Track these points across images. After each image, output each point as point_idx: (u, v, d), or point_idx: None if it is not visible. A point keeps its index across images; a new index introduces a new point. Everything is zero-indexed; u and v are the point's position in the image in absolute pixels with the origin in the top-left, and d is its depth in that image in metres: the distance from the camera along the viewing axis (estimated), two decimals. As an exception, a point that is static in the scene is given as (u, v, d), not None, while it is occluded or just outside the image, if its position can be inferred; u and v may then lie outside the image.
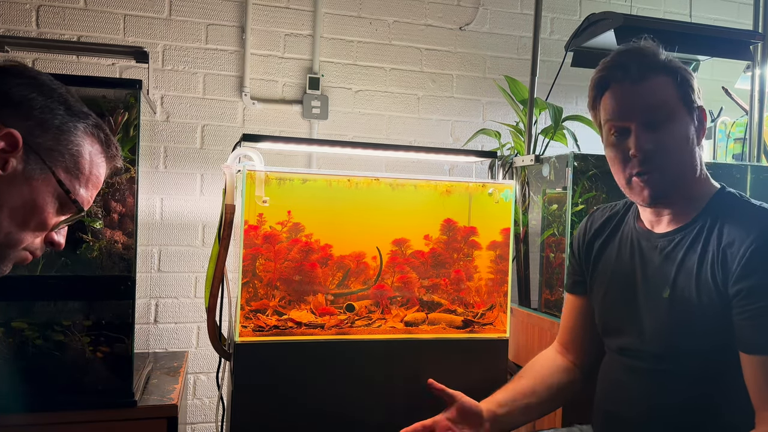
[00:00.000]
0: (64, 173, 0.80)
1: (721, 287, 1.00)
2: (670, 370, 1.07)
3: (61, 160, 0.79)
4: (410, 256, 1.49)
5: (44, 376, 1.29)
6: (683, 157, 1.05)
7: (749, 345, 0.97)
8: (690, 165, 1.07)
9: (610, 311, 1.21)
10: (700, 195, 1.09)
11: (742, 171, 1.79)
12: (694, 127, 1.06)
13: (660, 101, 1.03)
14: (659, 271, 1.10)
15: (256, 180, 1.37)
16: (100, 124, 0.85)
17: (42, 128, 0.77)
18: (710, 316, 1.01)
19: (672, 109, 1.04)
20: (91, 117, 0.84)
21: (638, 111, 1.04)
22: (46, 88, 0.80)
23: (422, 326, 1.48)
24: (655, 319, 1.09)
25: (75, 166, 0.81)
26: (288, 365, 1.39)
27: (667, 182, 1.05)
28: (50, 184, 0.79)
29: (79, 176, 0.82)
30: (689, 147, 1.06)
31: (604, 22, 1.82)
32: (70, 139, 0.80)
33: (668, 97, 1.04)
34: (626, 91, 1.05)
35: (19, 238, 0.79)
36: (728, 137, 2.21)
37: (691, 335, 1.04)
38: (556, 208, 1.78)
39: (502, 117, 2.51)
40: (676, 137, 1.04)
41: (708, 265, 1.02)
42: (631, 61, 1.05)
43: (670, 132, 1.03)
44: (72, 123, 0.80)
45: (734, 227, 1.01)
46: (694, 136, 1.06)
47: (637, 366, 1.12)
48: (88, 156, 0.83)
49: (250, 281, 1.41)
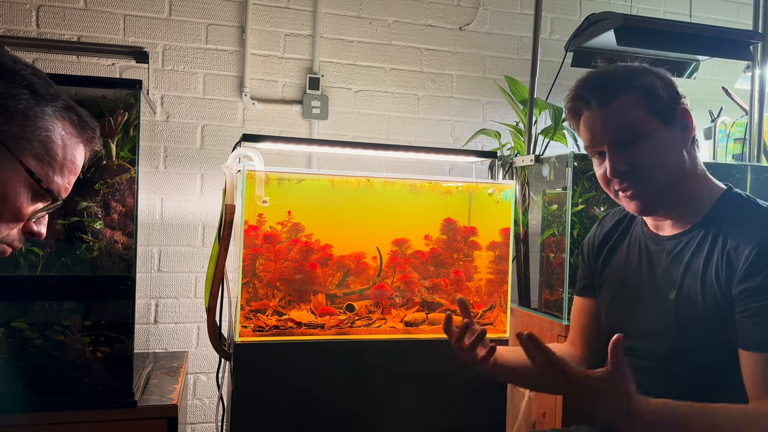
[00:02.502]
0: (34, 161, 0.75)
1: (725, 289, 1.01)
2: (677, 371, 1.07)
3: (30, 148, 0.75)
4: (410, 256, 1.49)
5: (44, 376, 1.29)
6: (664, 165, 1.06)
7: (749, 342, 0.98)
8: (677, 169, 1.07)
9: (617, 313, 1.21)
10: (702, 196, 1.09)
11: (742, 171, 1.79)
12: (674, 132, 1.06)
13: (627, 122, 1.05)
14: (666, 273, 1.11)
15: (256, 180, 1.37)
16: (72, 105, 0.80)
17: (5, 115, 0.73)
18: (715, 318, 1.02)
19: (641, 125, 1.05)
20: (60, 98, 0.79)
21: (608, 135, 1.07)
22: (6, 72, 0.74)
23: (422, 326, 1.48)
24: (662, 321, 1.10)
25: (46, 153, 0.76)
26: (288, 365, 1.39)
27: (652, 193, 1.07)
28: (20, 173, 0.74)
29: (52, 163, 0.77)
30: (671, 154, 1.06)
31: (604, 22, 1.82)
32: (37, 124, 0.75)
33: (635, 114, 1.05)
34: (595, 117, 1.08)
35: None
36: (728, 137, 2.21)
37: (696, 336, 1.05)
38: (556, 208, 1.77)
39: (502, 117, 2.51)
40: (652, 150, 1.05)
41: (713, 267, 1.03)
42: (592, 89, 1.08)
43: (644, 148, 1.05)
44: (39, 107, 0.75)
45: (740, 229, 1.02)
46: (677, 140, 1.07)
47: (644, 366, 1.12)
48: (60, 141, 0.78)
49: (250, 281, 1.41)
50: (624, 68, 1.11)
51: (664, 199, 1.08)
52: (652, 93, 1.06)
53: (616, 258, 1.23)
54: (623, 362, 0.94)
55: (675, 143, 1.06)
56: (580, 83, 1.11)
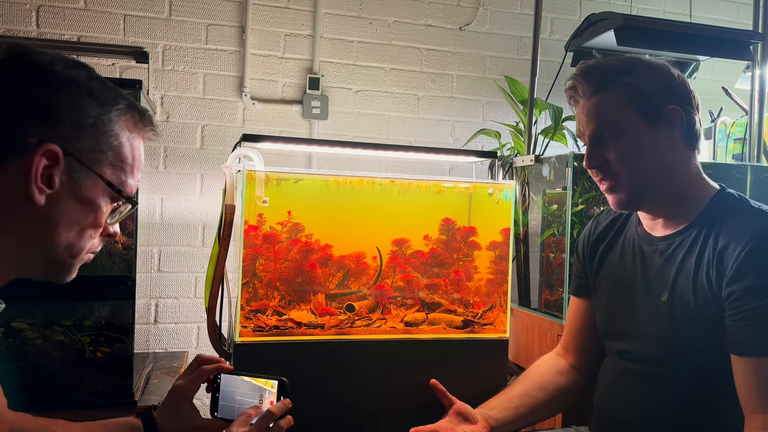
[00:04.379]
0: (110, 170, 0.74)
1: (715, 290, 1.00)
2: (670, 373, 1.07)
3: (104, 159, 0.74)
4: (410, 256, 1.49)
5: (44, 376, 1.29)
6: (641, 165, 1.05)
7: (740, 346, 0.97)
8: (658, 169, 1.06)
9: (611, 314, 1.21)
10: (695, 197, 1.08)
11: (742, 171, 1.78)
12: (658, 131, 1.05)
13: (607, 117, 1.06)
14: (659, 274, 1.10)
15: (256, 180, 1.37)
16: (132, 103, 0.78)
17: (77, 131, 0.71)
18: (707, 319, 1.01)
19: (620, 122, 1.05)
20: (120, 98, 0.76)
21: (589, 128, 1.08)
22: (66, 81, 0.71)
23: (422, 326, 1.48)
24: (655, 323, 1.09)
25: (118, 159, 0.75)
26: (288, 365, 1.39)
27: (627, 190, 1.06)
28: (99, 186, 0.74)
29: (125, 167, 0.77)
30: (651, 153, 1.05)
31: (604, 22, 1.82)
32: (107, 132, 0.74)
33: (616, 110, 1.05)
34: (582, 108, 1.09)
35: (80, 247, 0.76)
36: (728, 137, 2.21)
37: (689, 338, 1.04)
38: (556, 208, 1.77)
39: (502, 117, 2.51)
40: (629, 148, 1.05)
41: (704, 268, 1.02)
42: (582, 80, 1.09)
43: (619, 145, 1.05)
44: (106, 115, 0.73)
45: (730, 230, 1.01)
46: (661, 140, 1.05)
47: (637, 369, 1.12)
48: (128, 143, 0.77)
49: (250, 281, 1.41)
50: (612, 62, 1.10)
51: (642, 197, 1.07)
52: (636, 89, 1.05)
53: (611, 259, 1.23)
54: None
55: (657, 142, 1.05)
56: (575, 73, 1.12)
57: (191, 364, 1.08)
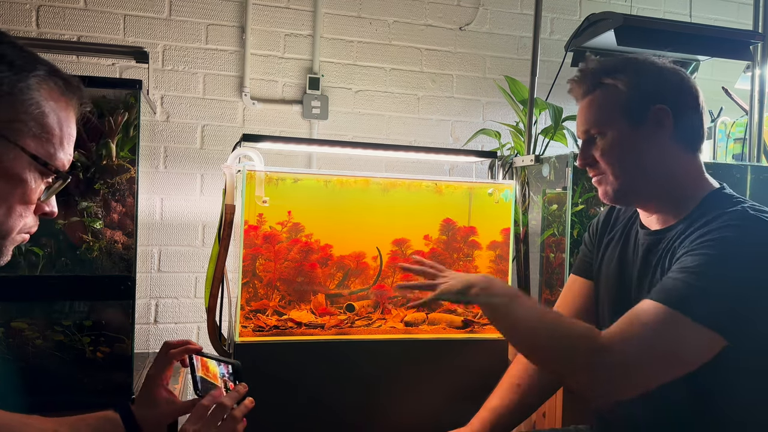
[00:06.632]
0: (33, 142, 0.69)
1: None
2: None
3: (26, 130, 0.68)
4: (411, 256, 1.49)
5: (44, 377, 1.29)
6: (624, 164, 1.08)
7: (653, 292, 0.96)
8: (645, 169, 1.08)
9: (608, 308, 1.21)
10: (691, 196, 1.09)
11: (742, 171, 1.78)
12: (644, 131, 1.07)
13: (595, 117, 1.10)
14: (645, 269, 1.11)
15: (256, 180, 1.37)
16: (54, 69, 0.72)
17: None
18: None
19: (605, 122, 1.09)
20: (40, 64, 0.70)
21: (581, 126, 1.13)
22: None
23: (422, 326, 1.48)
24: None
25: (43, 130, 0.70)
26: (288, 365, 1.39)
27: (615, 186, 1.09)
28: (23, 159, 0.68)
29: (52, 139, 0.71)
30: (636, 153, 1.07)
31: (604, 22, 1.82)
32: (26, 101, 0.68)
33: (603, 111, 1.09)
34: (578, 109, 1.15)
35: (10, 227, 0.71)
36: (728, 137, 2.21)
37: None
38: (556, 208, 1.77)
39: (502, 117, 2.51)
40: (613, 148, 1.08)
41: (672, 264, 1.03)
42: (576, 81, 1.14)
43: (605, 144, 1.09)
44: (22, 82, 0.67)
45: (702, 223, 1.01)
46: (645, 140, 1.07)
47: None
48: (53, 113, 0.71)
49: (250, 281, 1.41)
50: (601, 64, 1.13)
51: (628, 194, 1.10)
52: (620, 91, 1.08)
53: (611, 251, 1.23)
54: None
55: (640, 143, 1.07)
56: (576, 73, 1.16)
57: (160, 351, 1.04)
